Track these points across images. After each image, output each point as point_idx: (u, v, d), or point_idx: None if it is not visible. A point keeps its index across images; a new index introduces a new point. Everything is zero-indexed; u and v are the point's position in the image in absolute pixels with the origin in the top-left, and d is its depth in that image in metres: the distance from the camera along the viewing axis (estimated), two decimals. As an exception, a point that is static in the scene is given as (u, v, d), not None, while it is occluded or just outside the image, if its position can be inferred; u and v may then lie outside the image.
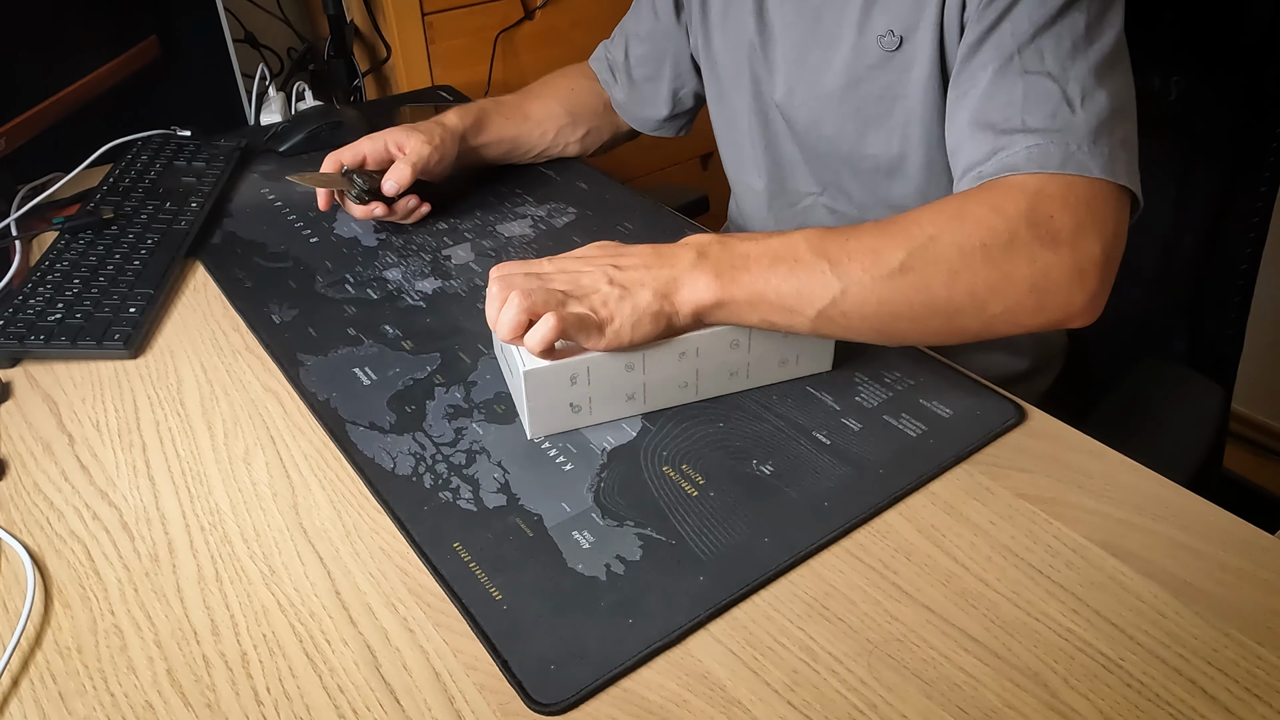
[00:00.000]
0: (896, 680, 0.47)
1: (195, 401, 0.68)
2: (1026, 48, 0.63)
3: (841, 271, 0.58)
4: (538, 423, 0.62)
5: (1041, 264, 0.57)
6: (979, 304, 0.58)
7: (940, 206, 0.60)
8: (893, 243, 0.58)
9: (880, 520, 0.56)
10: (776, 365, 0.65)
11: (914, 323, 0.59)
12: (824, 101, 0.80)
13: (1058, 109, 0.61)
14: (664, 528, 0.55)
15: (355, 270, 0.83)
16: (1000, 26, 0.64)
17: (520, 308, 0.57)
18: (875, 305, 0.58)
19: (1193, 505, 0.56)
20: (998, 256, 0.57)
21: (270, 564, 0.54)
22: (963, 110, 0.66)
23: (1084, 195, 0.59)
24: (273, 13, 1.42)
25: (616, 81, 1.02)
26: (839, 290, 0.58)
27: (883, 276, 0.58)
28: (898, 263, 0.58)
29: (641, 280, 0.60)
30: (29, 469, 0.63)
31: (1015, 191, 0.59)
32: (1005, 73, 0.63)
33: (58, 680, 0.48)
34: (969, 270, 0.57)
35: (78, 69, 1.04)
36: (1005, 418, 0.63)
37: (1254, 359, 1.55)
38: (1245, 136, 0.83)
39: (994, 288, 0.58)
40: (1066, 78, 0.61)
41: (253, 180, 1.01)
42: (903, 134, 0.77)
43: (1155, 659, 0.47)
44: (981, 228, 0.58)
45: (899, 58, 0.73)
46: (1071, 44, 0.62)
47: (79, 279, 0.79)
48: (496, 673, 0.47)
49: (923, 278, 0.58)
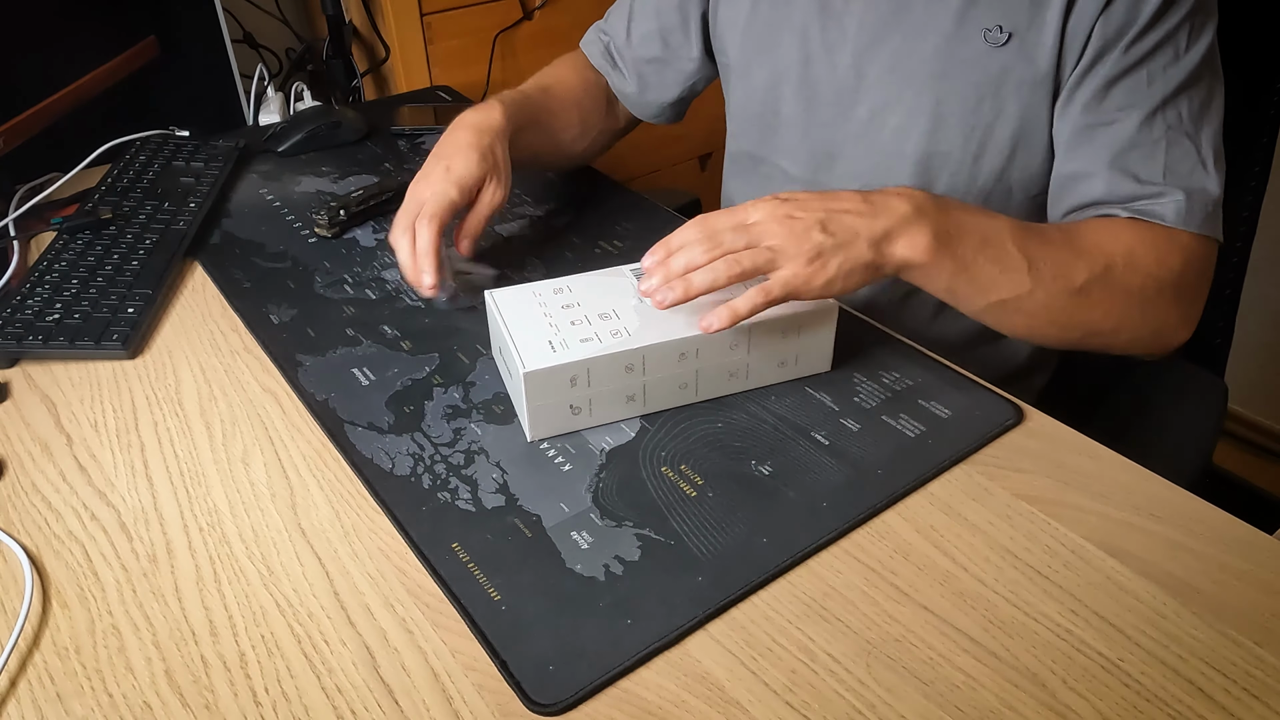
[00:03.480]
0: (895, 680, 0.47)
1: (194, 402, 0.68)
2: (1169, 104, 0.67)
3: (1036, 275, 0.63)
4: (538, 424, 0.62)
5: (1168, 316, 0.68)
6: (1115, 331, 0.67)
7: (1112, 235, 0.66)
8: (1080, 262, 0.65)
9: (879, 521, 0.56)
10: (775, 366, 0.65)
11: (1060, 331, 0.67)
12: (901, 89, 0.77)
13: (1194, 169, 0.67)
14: (662, 528, 0.55)
15: (354, 270, 0.83)
16: (1139, 72, 0.67)
17: (720, 281, 0.58)
18: (1047, 311, 0.65)
19: (1191, 505, 0.56)
20: (1148, 302, 0.66)
21: (269, 564, 0.54)
22: (1098, 145, 0.69)
23: (1210, 257, 0.69)
24: (271, 13, 1.42)
25: (616, 66, 0.96)
26: (1027, 290, 0.63)
27: (1065, 289, 0.64)
28: (1080, 283, 0.64)
29: (856, 230, 0.60)
30: (27, 469, 0.63)
31: (1174, 245, 0.67)
32: (1151, 124, 0.67)
33: (56, 681, 0.48)
34: (1126, 308, 0.66)
35: (76, 69, 1.04)
36: (1004, 418, 0.63)
37: (1251, 359, 1.56)
38: (1236, 132, 0.83)
39: (1132, 325, 0.67)
40: (1199, 140, 0.68)
41: (251, 180, 1.01)
42: (984, 134, 0.75)
43: (1154, 659, 0.47)
44: (1144, 274, 0.66)
45: (1002, 54, 0.71)
46: (1200, 105, 0.68)
47: (77, 279, 0.79)
48: (495, 673, 0.47)
49: (1093, 303, 0.65)
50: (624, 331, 0.61)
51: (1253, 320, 1.07)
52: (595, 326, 0.62)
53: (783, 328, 0.63)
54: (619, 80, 0.96)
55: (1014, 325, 0.67)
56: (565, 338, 0.61)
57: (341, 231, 0.89)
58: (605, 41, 0.97)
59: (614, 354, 0.60)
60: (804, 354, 0.66)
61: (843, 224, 0.60)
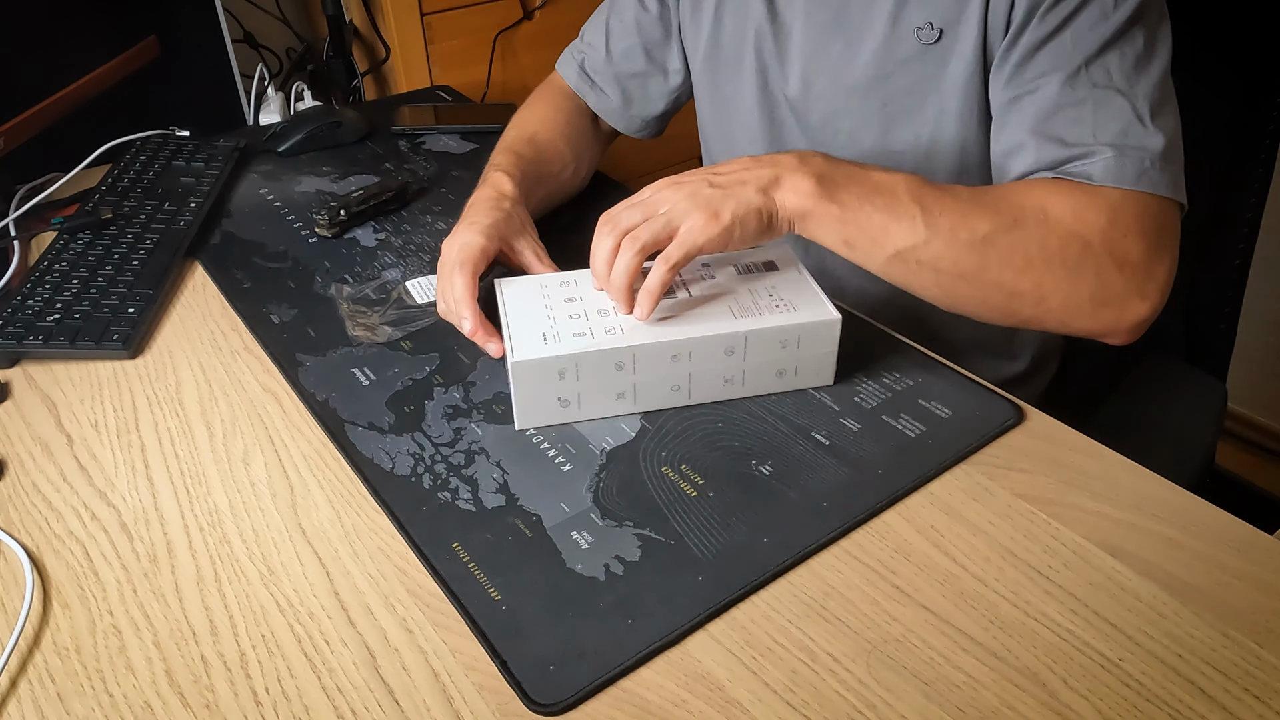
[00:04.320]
0: (895, 680, 0.47)
1: (194, 402, 0.68)
2: (1094, 61, 0.64)
3: (931, 221, 0.61)
4: (526, 414, 0.62)
5: (1107, 281, 0.62)
6: (1040, 297, 0.62)
7: (1025, 194, 0.63)
8: (982, 213, 0.62)
9: (879, 521, 0.56)
10: (774, 376, 0.65)
11: (976, 291, 0.63)
12: (847, 95, 0.78)
13: (1129, 125, 0.63)
14: (663, 528, 0.55)
15: (354, 270, 0.83)
16: (1060, 35, 0.65)
17: (630, 260, 0.60)
18: (950, 263, 0.62)
19: (1191, 505, 0.56)
20: (1071, 262, 0.61)
21: (269, 564, 0.54)
22: (1023, 114, 0.67)
23: (1155, 216, 0.63)
24: (271, 13, 1.42)
25: (595, 85, 0.95)
26: (923, 239, 0.61)
27: (966, 240, 0.61)
28: (982, 233, 0.61)
29: (743, 179, 0.61)
30: (28, 469, 0.63)
31: (1097, 201, 0.62)
32: (1074, 84, 0.65)
33: (56, 681, 0.48)
34: (1043, 265, 0.61)
35: (77, 69, 1.04)
36: (1004, 418, 0.63)
37: (1251, 360, 1.55)
38: (1238, 134, 0.84)
39: (1059, 288, 0.62)
40: (1134, 94, 0.64)
41: (252, 180, 1.01)
42: (934, 129, 0.76)
43: (1154, 659, 0.47)
44: (1061, 231, 0.62)
45: (936, 51, 0.72)
46: (1135, 60, 0.64)
47: (78, 279, 0.79)
48: (495, 673, 0.47)
49: (1000, 255, 0.61)
50: (618, 329, 0.61)
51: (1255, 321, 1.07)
52: (591, 322, 0.62)
53: (781, 337, 0.63)
54: (598, 98, 0.96)
55: (925, 283, 0.63)
56: (560, 330, 0.61)
57: (342, 231, 0.89)
58: (580, 60, 0.97)
59: (604, 351, 0.60)
60: (804, 365, 0.65)
61: (729, 177, 0.62)
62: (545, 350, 0.60)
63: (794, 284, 0.66)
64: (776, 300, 0.64)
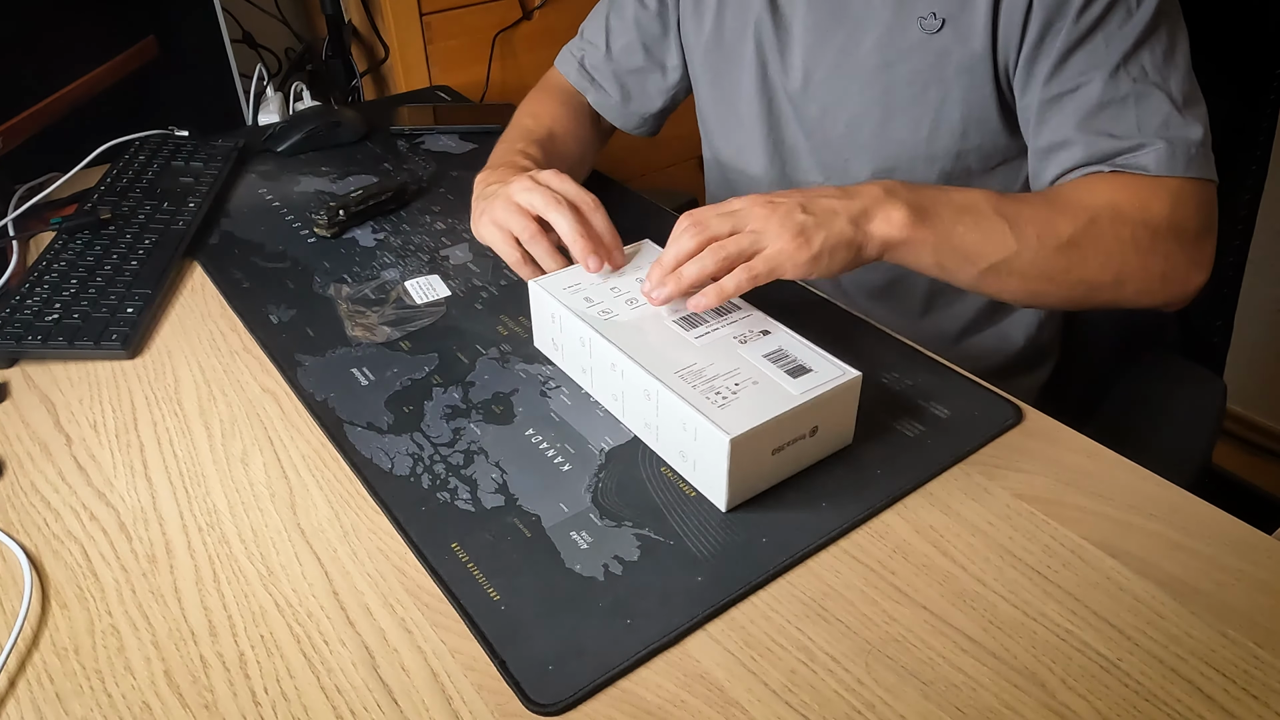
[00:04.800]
0: (894, 681, 0.47)
1: (193, 402, 0.68)
2: (1130, 59, 0.68)
3: (1019, 233, 0.64)
4: (539, 336, 0.70)
5: (1174, 261, 0.67)
6: (1119, 283, 0.67)
7: (1091, 192, 0.67)
8: (1062, 218, 0.66)
9: (878, 521, 0.56)
10: (676, 453, 0.58)
11: (1061, 289, 0.67)
12: (848, 84, 0.79)
13: (1169, 117, 0.67)
14: (662, 528, 0.55)
15: (353, 270, 0.83)
16: (1094, 37, 0.68)
17: (710, 266, 0.61)
18: (1039, 270, 0.65)
19: (1190, 505, 0.56)
20: (1144, 249, 0.66)
21: (268, 564, 0.54)
22: (1065, 113, 0.70)
23: (1204, 197, 0.68)
24: (270, 13, 1.42)
25: (595, 82, 0.96)
26: (1014, 250, 0.64)
27: (1053, 246, 0.65)
28: (1067, 236, 0.65)
29: (834, 209, 0.62)
30: (26, 469, 0.63)
31: (1159, 190, 0.67)
32: (1115, 82, 0.68)
33: (55, 681, 0.48)
34: (1121, 256, 0.66)
35: (75, 69, 1.04)
36: (1003, 418, 0.63)
37: (1249, 358, 1.56)
38: (1235, 129, 0.84)
39: (1135, 274, 0.67)
40: (1169, 86, 0.68)
41: (250, 180, 1.01)
42: (934, 118, 0.77)
43: (1153, 659, 0.47)
44: (1132, 222, 0.66)
45: (938, 40, 0.74)
46: (1164, 54, 0.68)
47: (76, 279, 0.79)
48: (494, 673, 0.47)
49: (1084, 254, 0.65)
50: (613, 311, 0.63)
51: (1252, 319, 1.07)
52: (603, 294, 0.65)
53: (683, 418, 0.55)
54: (598, 95, 0.97)
55: (1013, 290, 0.67)
56: (579, 287, 0.66)
57: (341, 231, 0.89)
58: (579, 57, 0.98)
59: (575, 316, 0.63)
60: (701, 463, 0.55)
61: (821, 205, 0.62)
62: (550, 284, 0.65)
63: (782, 392, 0.56)
64: (744, 390, 0.55)
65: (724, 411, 0.54)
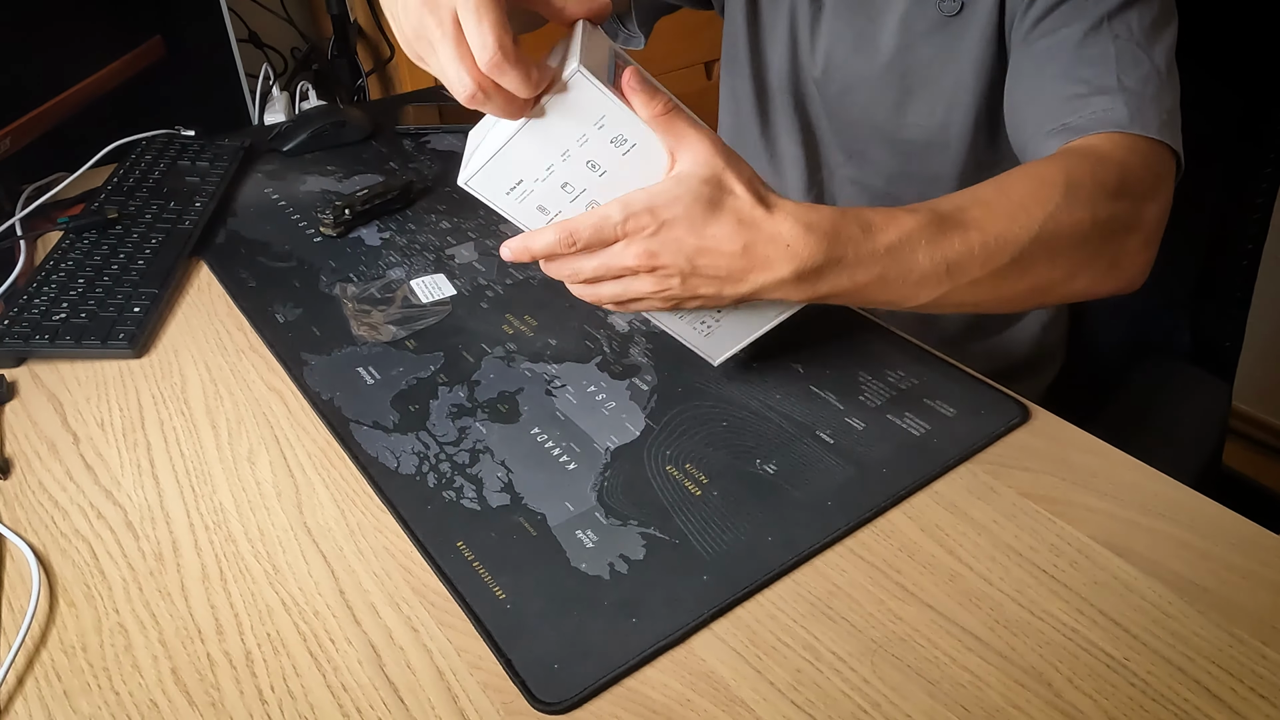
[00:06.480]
0: (900, 680, 0.47)
1: (199, 401, 0.68)
2: (1115, 16, 0.65)
3: (958, 272, 0.57)
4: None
5: (1124, 245, 0.61)
6: (1068, 278, 0.61)
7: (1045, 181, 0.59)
8: (1013, 230, 0.57)
9: (884, 520, 0.56)
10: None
11: (1011, 299, 0.62)
12: (867, 67, 0.80)
13: (1148, 77, 0.63)
14: (667, 527, 0.55)
15: (359, 269, 0.83)
16: None
17: (571, 284, 0.58)
18: (986, 294, 0.59)
19: (1197, 504, 0.56)
20: (1095, 242, 0.60)
21: (274, 563, 0.54)
22: (1048, 67, 0.67)
23: (1163, 167, 0.63)
24: (276, 13, 1.42)
25: None
26: (949, 288, 0.58)
27: (995, 272, 0.58)
28: (1009, 258, 0.58)
29: (720, 290, 0.55)
30: (34, 468, 0.63)
31: (1122, 150, 0.61)
32: (1097, 35, 0.65)
33: (62, 679, 0.48)
34: (1071, 253, 0.60)
35: (82, 69, 1.04)
36: (1009, 417, 0.62)
37: (1258, 357, 1.55)
38: (1248, 132, 0.83)
39: (1085, 267, 0.61)
40: (1152, 53, 0.65)
41: (257, 180, 1.01)
42: (949, 102, 0.77)
43: (1160, 659, 0.47)
44: (1089, 209, 0.59)
45: (957, 23, 0.74)
46: (1152, 23, 0.65)
47: (84, 278, 0.79)
48: (500, 672, 0.47)
49: (1034, 266, 0.59)
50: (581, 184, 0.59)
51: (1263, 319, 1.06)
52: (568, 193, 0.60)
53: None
54: None
55: (959, 309, 0.62)
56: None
57: (346, 231, 0.89)
58: None
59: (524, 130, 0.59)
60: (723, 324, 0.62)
61: (707, 279, 0.55)
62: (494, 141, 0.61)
63: None
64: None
65: None
